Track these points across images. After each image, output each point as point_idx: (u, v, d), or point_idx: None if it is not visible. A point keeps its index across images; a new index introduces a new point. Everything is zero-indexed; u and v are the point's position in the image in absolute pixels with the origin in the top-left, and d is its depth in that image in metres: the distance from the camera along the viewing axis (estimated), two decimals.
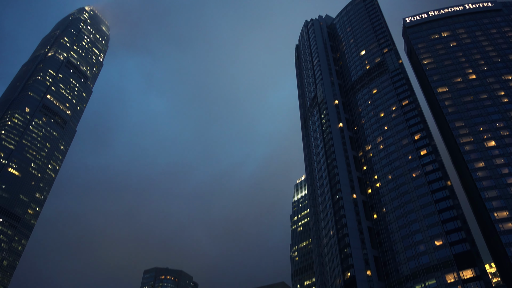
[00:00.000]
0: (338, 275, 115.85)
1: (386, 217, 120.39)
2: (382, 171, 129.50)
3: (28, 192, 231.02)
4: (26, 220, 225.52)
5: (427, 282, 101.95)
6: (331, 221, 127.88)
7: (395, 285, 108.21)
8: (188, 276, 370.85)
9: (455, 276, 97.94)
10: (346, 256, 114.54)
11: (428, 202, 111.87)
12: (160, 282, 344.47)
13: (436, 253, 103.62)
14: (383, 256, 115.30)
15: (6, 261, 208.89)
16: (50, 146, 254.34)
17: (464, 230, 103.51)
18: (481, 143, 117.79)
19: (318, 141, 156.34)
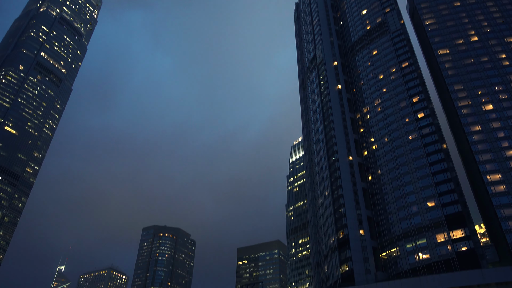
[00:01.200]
0: (332, 234, 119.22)
1: (381, 178, 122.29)
2: (379, 134, 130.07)
3: (26, 151, 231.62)
4: (25, 178, 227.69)
5: (418, 241, 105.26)
6: (327, 182, 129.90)
7: (386, 244, 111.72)
8: (186, 233, 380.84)
9: (445, 236, 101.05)
10: (340, 216, 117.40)
11: (423, 165, 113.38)
12: (158, 239, 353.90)
13: (428, 214, 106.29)
14: (376, 217, 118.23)
15: (7, 218, 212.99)
16: (46, 105, 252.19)
17: (457, 192, 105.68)
18: (479, 107, 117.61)
19: (316, 102, 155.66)
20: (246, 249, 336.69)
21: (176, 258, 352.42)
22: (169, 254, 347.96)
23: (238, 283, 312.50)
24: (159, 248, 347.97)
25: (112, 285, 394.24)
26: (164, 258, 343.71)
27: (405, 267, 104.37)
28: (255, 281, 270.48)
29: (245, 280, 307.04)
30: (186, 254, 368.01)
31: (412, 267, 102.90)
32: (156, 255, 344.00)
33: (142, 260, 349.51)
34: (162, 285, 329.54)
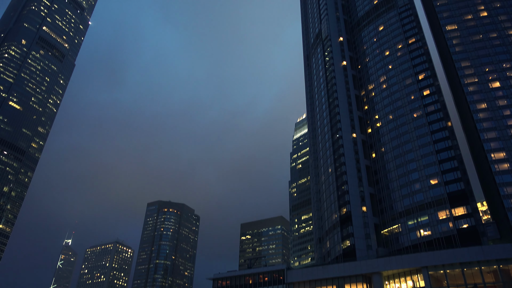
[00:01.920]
0: (334, 211, 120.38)
1: (384, 156, 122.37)
2: (383, 111, 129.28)
3: (31, 126, 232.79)
4: (31, 154, 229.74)
5: (419, 218, 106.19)
6: (330, 159, 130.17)
7: (388, 221, 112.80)
8: (190, 209, 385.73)
9: (447, 213, 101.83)
10: (343, 193, 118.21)
11: (427, 142, 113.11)
12: (163, 214, 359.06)
13: (430, 191, 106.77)
14: (379, 194, 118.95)
15: (14, 192, 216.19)
16: (49, 80, 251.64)
17: (460, 170, 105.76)
18: (486, 84, 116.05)
19: (321, 79, 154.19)
20: (250, 224, 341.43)
21: (181, 233, 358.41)
22: (173, 229, 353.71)
23: (241, 257, 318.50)
24: (163, 223, 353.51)
25: (118, 258, 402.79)
26: (169, 232, 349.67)
27: (406, 243, 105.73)
28: (258, 256, 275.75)
29: (248, 254, 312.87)
30: (190, 229, 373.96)
31: (413, 244, 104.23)
32: (161, 229, 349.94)
33: (147, 235, 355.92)
34: (167, 259, 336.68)
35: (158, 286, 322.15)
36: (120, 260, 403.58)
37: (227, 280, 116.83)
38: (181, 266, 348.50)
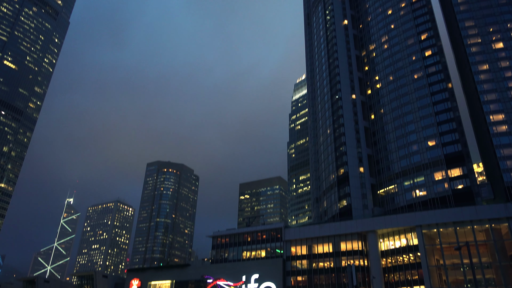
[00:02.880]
0: (332, 171, 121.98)
1: (383, 117, 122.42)
2: (384, 72, 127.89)
3: (27, 86, 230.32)
4: (28, 114, 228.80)
5: (416, 179, 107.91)
6: (329, 121, 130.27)
7: (385, 181, 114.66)
8: (189, 169, 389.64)
9: (443, 175, 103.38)
10: (341, 154, 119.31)
11: (426, 104, 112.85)
12: (162, 174, 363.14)
13: (428, 152, 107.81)
14: (377, 155, 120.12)
15: (14, 152, 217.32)
16: (43, 39, 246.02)
17: (458, 132, 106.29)
18: (489, 45, 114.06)
19: (321, 39, 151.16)
20: (248, 184, 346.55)
21: (180, 192, 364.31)
22: (173, 188, 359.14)
23: (240, 216, 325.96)
24: (163, 182, 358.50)
25: (120, 216, 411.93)
26: (169, 192, 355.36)
27: (402, 203, 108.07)
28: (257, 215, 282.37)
29: (247, 213, 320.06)
30: (189, 188, 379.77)
31: (408, 203, 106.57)
32: (161, 189, 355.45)
33: (148, 194, 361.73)
34: (167, 217, 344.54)
35: (159, 243, 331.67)
36: (121, 218, 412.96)
37: (226, 238, 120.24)
38: (181, 224, 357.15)
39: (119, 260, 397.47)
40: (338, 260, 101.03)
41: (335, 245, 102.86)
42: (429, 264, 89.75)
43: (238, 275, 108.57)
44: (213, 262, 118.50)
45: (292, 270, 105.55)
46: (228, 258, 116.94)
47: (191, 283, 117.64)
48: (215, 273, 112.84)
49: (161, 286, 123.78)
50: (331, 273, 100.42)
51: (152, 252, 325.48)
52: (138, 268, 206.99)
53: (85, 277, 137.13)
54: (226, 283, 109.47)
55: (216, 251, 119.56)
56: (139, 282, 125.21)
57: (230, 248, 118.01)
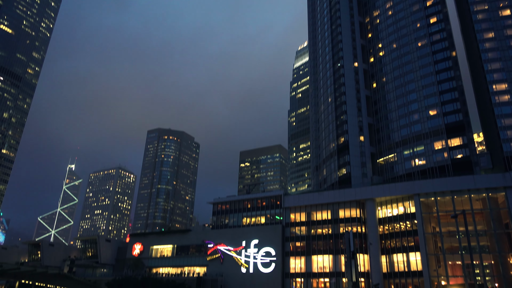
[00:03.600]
0: (332, 140, 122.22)
1: (385, 86, 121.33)
2: (388, 39, 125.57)
3: (25, 51, 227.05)
4: (27, 79, 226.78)
5: (415, 148, 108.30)
6: (330, 89, 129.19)
7: (385, 150, 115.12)
8: (190, 137, 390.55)
9: (443, 144, 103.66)
10: (341, 123, 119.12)
11: (429, 73, 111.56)
12: (163, 141, 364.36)
13: (428, 122, 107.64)
14: (377, 124, 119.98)
15: (14, 118, 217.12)
16: (39, 2, 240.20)
17: (460, 101, 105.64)
18: (496, 12, 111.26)
19: (324, 4, 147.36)
20: (249, 152, 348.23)
21: (181, 160, 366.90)
22: (174, 155, 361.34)
23: (240, 183, 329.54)
24: (164, 150, 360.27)
25: (121, 183, 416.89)
26: (169, 159, 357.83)
27: (401, 172, 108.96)
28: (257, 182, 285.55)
29: (247, 181, 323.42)
30: (190, 156, 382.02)
31: (407, 172, 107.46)
32: (162, 156, 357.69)
33: (148, 161, 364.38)
34: (168, 184, 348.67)
35: (160, 209, 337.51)
36: (123, 185, 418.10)
37: (226, 204, 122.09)
38: (182, 191, 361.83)
39: (122, 225, 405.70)
40: (337, 226, 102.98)
41: (334, 213, 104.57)
42: (425, 231, 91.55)
43: (238, 241, 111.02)
44: (214, 228, 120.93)
45: (291, 236, 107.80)
46: (228, 224, 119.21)
47: (192, 248, 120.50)
48: (216, 238, 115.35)
49: (163, 251, 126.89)
50: (329, 239, 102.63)
51: (153, 218, 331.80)
52: (140, 233, 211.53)
53: (89, 241, 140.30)
54: (227, 247, 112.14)
55: (217, 217, 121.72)
56: (142, 247, 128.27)
57: (230, 215, 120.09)
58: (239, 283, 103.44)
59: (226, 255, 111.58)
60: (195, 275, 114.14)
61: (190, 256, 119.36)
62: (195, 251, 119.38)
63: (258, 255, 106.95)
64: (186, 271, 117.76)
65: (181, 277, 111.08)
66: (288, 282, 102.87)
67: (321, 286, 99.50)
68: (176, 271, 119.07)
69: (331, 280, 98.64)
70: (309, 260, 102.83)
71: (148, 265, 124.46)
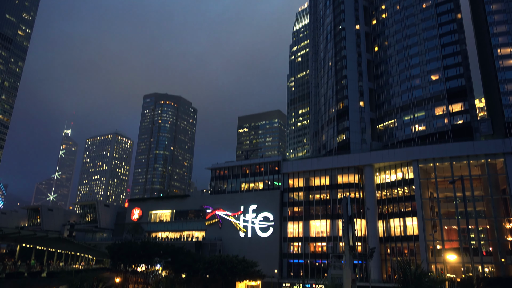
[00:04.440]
0: (332, 105, 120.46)
1: (387, 50, 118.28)
2: (391, 1, 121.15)
3: (14, 12, 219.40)
4: (18, 42, 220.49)
5: (416, 114, 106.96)
6: (331, 52, 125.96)
7: (385, 116, 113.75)
8: (187, 102, 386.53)
9: (444, 110, 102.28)
10: (342, 88, 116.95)
11: (433, 36, 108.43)
12: (160, 106, 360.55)
13: (430, 87, 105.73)
14: (378, 89, 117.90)
15: (7, 82, 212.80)
16: None
17: (463, 66, 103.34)
18: None
19: None
20: (247, 118, 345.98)
21: (178, 125, 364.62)
22: (171, 121, 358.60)
23: (238, 149, 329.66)
24: (161, 115, 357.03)
25: (118, 148, 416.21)
26: (167, 124, 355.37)
27: (400, 137, 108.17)
28: (255, 148, 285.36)
29: (245, 146, 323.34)
30: (187, 121, 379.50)
31: (406, 138, 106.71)
32: (159, 121, 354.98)
33: (145, 126, 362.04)
34: (166, 150, 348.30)
35: (158, 175, 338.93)
36: (120, 150, 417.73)
37: (224, 170, 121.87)
38: (180, 156, 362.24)
39: (120, 190, 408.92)
40: (335, 192, 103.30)
41: (332, 178, 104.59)
42: (423, 197, 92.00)
43: (237, 206, 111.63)
44: (212, 194, 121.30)
45: (289, 201, 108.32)
46: (226, 189, 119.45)
47: (191, 213, 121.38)
48: (214, 204, 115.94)
49: (162, 215, 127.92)
50: (327, 204, 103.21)
51: (152, 183, 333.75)
52: (139, 198, 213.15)
53: (88, 206, 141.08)
54: (225, 212, 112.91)
55: (215, 183, 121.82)
56: (140, 212, 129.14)
57: (228, 180, 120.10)
58: (237, 247, 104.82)
59: (225, 220, 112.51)
60: (194, 239, 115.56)
61: (189, 221, 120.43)
62: (194, 216, 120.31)
63: (256, 220, 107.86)
64: (185, 235, 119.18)
65: (180, 241, 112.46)
66: (286, 246, 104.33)
67: (318, 250, 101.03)
68: (175, 235, 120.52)
69: (328, 244, 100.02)
70: (306, 225, 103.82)
71: (147, 229, 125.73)
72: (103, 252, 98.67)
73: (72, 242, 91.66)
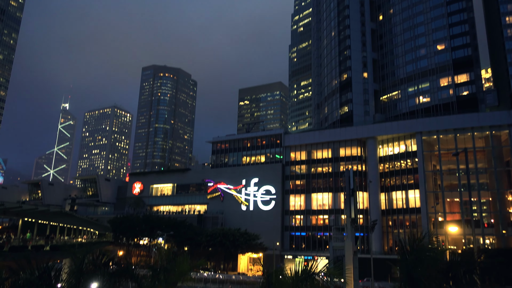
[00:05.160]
0: (335, 76, 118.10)
1: (392, 19, 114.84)
2: None
3: None
4: (11, 12, 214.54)
5: (420, 85, 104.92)
6: (334, 22, 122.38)
7: (389, 87, 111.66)
8: (186, 74, 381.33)
9: (449, 80, 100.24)
10: (345, 58, 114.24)
11: (440, 4, 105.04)
12: (159, 79, 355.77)
13: (436, 57, 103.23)
14: (382, 59, 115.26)
15: (1, 55, 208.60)
16: None
17: (470, 35, 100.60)
18: None
19: None
20: (248, 90, 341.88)
21: (178, 98, 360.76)
22: (170, 93, 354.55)
23: (239, 122, 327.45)
24: (160, 88, 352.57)
25: (118, 122, 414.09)
26: (166, 97, 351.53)
27: (404, 109, 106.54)
28: (256, 121, 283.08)
29: (246, 119, 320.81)
30: (187, 94, 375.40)
31: (410, 110, 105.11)
32: (158, 94, 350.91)
33: (144, 100, 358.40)
34: (166, 123, 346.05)
35: (159, 148, 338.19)
36: (119, 124, 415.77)
37: (225, 143, 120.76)
38: (180, 130, 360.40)
39: (120, 164, 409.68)
40: (337, 165, 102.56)
41: (334, 151, 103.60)
42: (426, 169, 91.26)
43: (238, 179, 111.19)
44: (213, 167, 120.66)
45: (291, 174, 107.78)
46: (228, 163, 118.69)
47: (192, 186, 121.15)
48: (216, 177, 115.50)
49: (163, 189, 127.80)
50: (329, 177, 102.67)
51: (152, 157, 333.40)
52: (139, 172, 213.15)
53: (88, 180, 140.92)
54: (227, 186, 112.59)
55: (216, 156, 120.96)
56: (141, 186, 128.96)
57: (230, 154, 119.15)
58: (239, 220, 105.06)
59: (226, 194, 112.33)
60: (196, 213, 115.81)
61: (190, 194, 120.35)
62: (195, 190, 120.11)
63: (258, 193, 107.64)
64: (187, 209, 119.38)
65: (182, 215, 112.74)
66: (288, 218, 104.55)
67: (320, 222, 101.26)
68: (177, 209, 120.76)
69: (330, 217, 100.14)
70: (308, 198, 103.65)
71: (149, 203, 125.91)
72: (106, 226, 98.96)
73: (74, 216, 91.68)
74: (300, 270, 15.64)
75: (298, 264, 16.60)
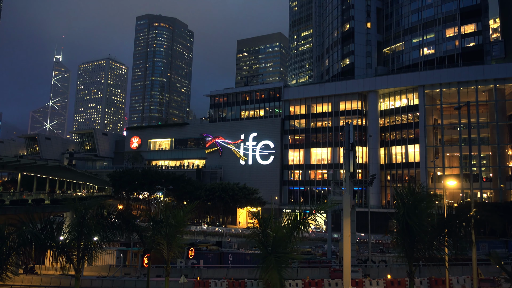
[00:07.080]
0: (337, 27, 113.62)
1: None
2: None
3: None
4: None
5: (425, 36, 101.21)
6: None
7: (392, 38, 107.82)
8: (182, 24, 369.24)
9: (455, 31, 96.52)
10: (347, 7, 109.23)
11: None
12: (154, 29, 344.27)
13: (442, 6, 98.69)
14: (387, 8, 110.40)
15: None
16: None
17: None
18: None
19: None
20: (247, 41, 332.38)
21: (174, 50, 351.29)
22: (166, 45, 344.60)
23: (238, 75, 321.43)
24: (155, 38, 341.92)
25: (113, 75, 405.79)
26: (162, 49, 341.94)
27: (407, 62, 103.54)
28: (255, 73, 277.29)
29: (244, 72, 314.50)
30: (184, 45, 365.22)
31: (414, 62, 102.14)
32: (153, 45, 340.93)
33: (140, 51, 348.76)
34: (162, 76, 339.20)
35: (156, 102, 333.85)
36: (115, 77, 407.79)
37: (224, 97, 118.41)
38: (177, 83, 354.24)
39: (117, 118, 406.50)
40: (337, 119, 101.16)
41: (335, 105, 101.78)
42: (427, 123, 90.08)
43: (237, 134, 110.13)
44: (211, 121, 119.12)
45: (290, 129, 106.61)
46: (226, 117, 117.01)
47: (190, 141, 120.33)
48: (214, 132, 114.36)
49: (161, 144, 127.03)
50: (328, 132, 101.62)
51: (149, 111, 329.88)
52: (137, 126, 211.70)
53: (85, 134, 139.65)
54: (225, 141, 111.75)
55: (214, 111, 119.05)
56: (139, 140, 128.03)
57: (228, 108, 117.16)
58: (238, 175, 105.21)
59: (225, 148, 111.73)
60: (195, 168, 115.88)
61: (189, 149, 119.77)
62: (194, 144, 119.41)
63: (256, 148, 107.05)
64: (186, 164, 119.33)
65: (180, 169, 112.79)
66: (287, 173, 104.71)
67: (319, 177, 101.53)
68: (176, 164, 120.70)
69: (328, 171, 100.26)
70: (307, 152, 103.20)
71: (147, 158, 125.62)
72: (105, 180, 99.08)
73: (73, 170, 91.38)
74: (295, 218, 18.67)
75: (295, 215, 18.96)
